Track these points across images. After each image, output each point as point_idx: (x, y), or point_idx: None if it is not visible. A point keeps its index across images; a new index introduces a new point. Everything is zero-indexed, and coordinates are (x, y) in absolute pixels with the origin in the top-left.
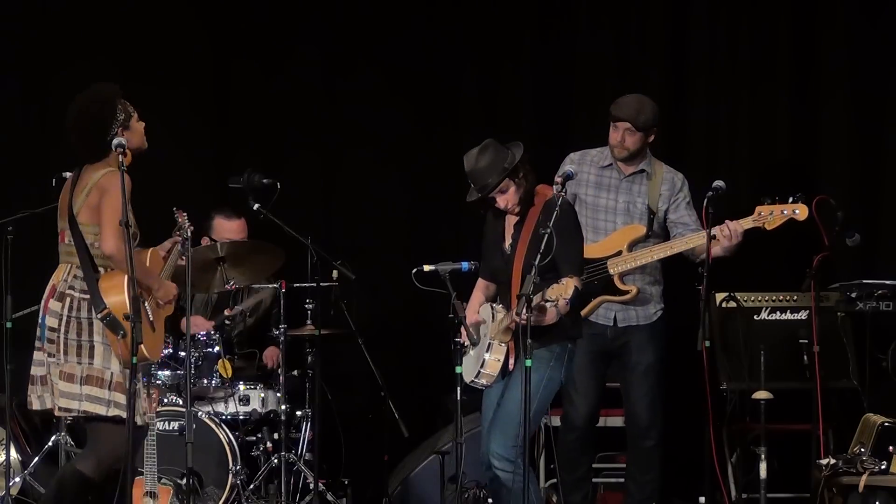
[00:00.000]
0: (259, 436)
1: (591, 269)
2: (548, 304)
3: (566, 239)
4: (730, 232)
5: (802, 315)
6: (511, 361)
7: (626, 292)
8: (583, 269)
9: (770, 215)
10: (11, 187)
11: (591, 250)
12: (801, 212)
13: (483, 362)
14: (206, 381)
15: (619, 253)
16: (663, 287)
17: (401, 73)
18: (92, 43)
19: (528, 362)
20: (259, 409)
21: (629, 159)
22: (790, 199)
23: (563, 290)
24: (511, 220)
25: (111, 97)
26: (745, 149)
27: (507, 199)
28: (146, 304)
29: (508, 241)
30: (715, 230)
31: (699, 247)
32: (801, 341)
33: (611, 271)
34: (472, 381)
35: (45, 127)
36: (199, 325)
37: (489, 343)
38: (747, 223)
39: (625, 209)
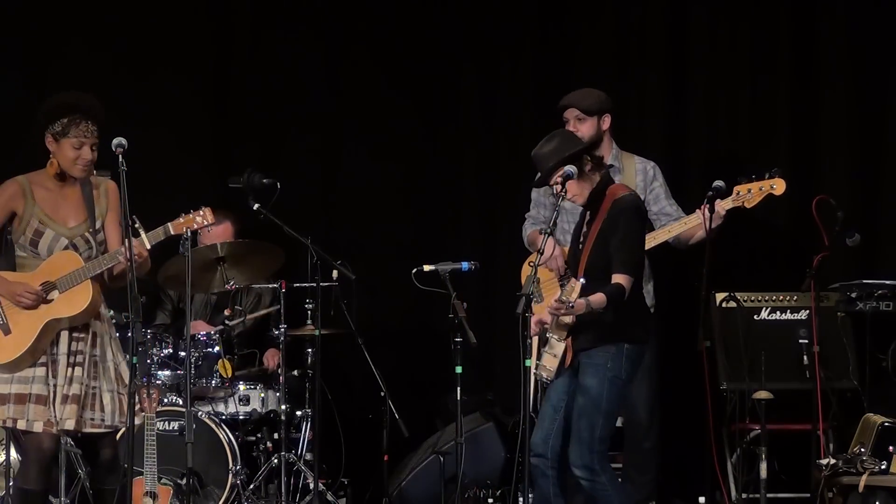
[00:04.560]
0: (259, 436)
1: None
2: (559, 306)
3: (622, 237)
4: (710, 217)
5: (802, 315)
6: (568, 358)
7: None
8: (636, 269)
9: (748, 193)
10: None
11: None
12: (778, 186)
13: (541, 356)
14: (206, 381)
15: None
16: (654, 282)
17: (401, 73)
18: (91, 35)
19: (528, 362)
20: (259, 409)
21: None
22: (766, 175)
23: (570, 292)
24: (587, 214)
25: (64, 108)
26: (746, 148)
27: (567, 188)
28: None
29: (583, 233)
30: (696, 213)
31: (683, 234)
32: (801, 341)
33: None
34: (535, 373)
35: None
36: (198, 327)
37: (547, 338)
38: (727, 204)
39: None
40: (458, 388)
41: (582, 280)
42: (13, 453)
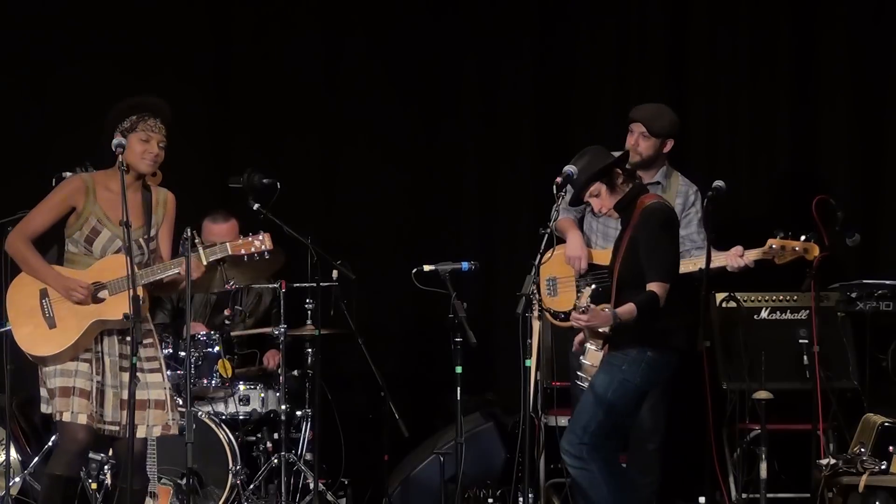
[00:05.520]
0: (259, 436)
1: (596, 275)
2: (577, 315)
3: (650, 244)
4: (738, 267)
5: (802, 315)
6: None
7: None
8: (669, 275)
9: (781, 250)
10: (11, 187)
11: (600, 256)
12: (810, 251)
13: (581, 366)
14: (206, 381)
15: None
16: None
17: (401, 73)
18: (91, 36)
19: (528, 362)
20: (259, 409)
21: (642, 166)
22: (802, 238)
23: (581, 297)
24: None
25: (133, 107)
26: (746, 149)
27: (600, 202)
28: (45, 300)
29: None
30: (723, 255)
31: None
32: (801, 341)
33: None
34: (576, 381)
35: (45, 124)
36: (196, 329)
37: (586, 347)
38: (756, 254)
39: None
40: (458, 388)
41: (594, 285)
42: (13, 453)
